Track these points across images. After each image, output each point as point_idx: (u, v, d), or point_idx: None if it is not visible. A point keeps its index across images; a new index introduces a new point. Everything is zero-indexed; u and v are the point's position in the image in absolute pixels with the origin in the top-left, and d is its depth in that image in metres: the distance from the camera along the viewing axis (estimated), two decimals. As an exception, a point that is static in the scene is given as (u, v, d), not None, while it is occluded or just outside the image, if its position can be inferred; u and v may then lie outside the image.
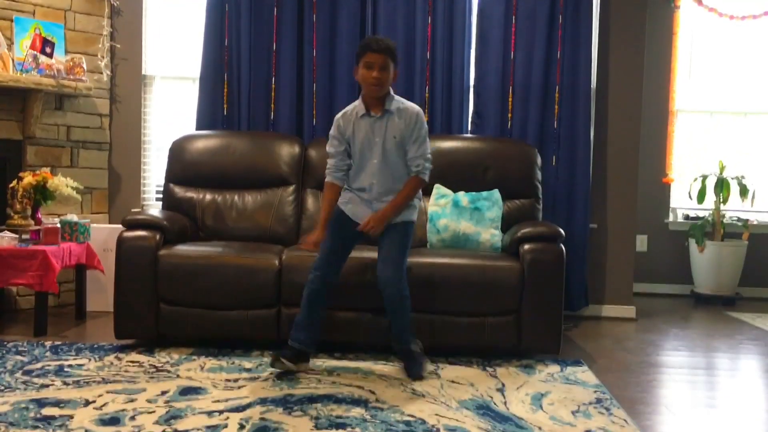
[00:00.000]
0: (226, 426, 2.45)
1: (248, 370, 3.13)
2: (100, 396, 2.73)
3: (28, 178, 3.90)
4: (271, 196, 4.12)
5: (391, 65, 3.09)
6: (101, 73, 4.55)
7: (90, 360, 3.23)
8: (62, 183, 3.98)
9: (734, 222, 5.48)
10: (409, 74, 4.46)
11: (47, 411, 2.55)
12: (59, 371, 3.04)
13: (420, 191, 3.30)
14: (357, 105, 3.21)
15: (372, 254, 3.31)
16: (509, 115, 4.53)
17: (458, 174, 4.05)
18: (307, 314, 3.12)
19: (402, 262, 3.13)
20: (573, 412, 2.72)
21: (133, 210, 4.56)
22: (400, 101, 3.19)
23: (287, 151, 4.18)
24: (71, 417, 2.49)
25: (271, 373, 3.07)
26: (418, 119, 3.16)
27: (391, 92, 3.18)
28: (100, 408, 2.60)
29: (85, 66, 4.32)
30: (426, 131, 3.20)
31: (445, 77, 4.50)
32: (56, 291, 3.70)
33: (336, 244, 3.18)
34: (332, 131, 3.27)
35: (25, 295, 4.24)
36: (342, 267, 3.21)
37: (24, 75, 4.04)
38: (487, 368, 3.29)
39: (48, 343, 3.50)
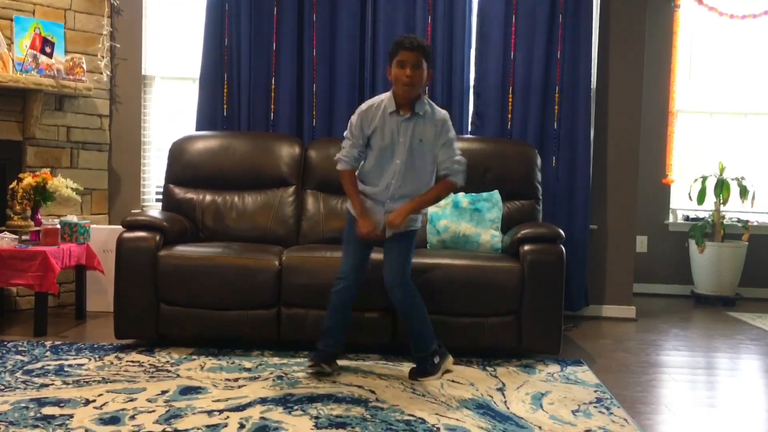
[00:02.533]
0: (226, 425, 2.45)
1: (248, 370, 3.12)
2: (100, 395, 2.73)
3: (27, 179, 3.90)
4: (271, 196, 4.12)
5: (424, 64, 2.95)
6: (101, 73, 4.55)
7: (90, 360, 3.23)
8: (62, 184, 3.98)
9: (734, 223, 5.48)
10: (409, 74, 4.45)
11: (47, 410, 2.55)
12: (59, 371, 3.04)
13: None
14: (386, 100, 3.04)
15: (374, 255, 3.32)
16: (509, 115, 4.53)
17: (458, 174, 4.04)
18: (336, 321, 3.10)
19: (406, 266, 3.09)
20: (573, 412, 2.72)
21: (132, 211, 4.55)
22: (429, 104, 3.06)
23: (287, 151, 4.18)
24: (71, 416, 2.49)
25: (271, 373, 3.08)
26: (445, 124, 3.04)
27: (422, 95, 3.05)
28: (100, 407, 2.59)
29: (85, 66, 4.32)
30: (453, 136, 3.08)
31: (445, 77, 4.50)
32: (56, 292, 3.70)
33: (358, 249, 3.11)
34: (354, 120, 3.08)
35: (25, 295, 4.24)
36: (367, 268, 3.14)
37: (24, 75, 4.04)
38: (488, 368, 3.29)
39: (48, 343, 3.49)
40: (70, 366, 3.12)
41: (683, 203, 5.72)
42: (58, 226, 3.91)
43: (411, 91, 2.97)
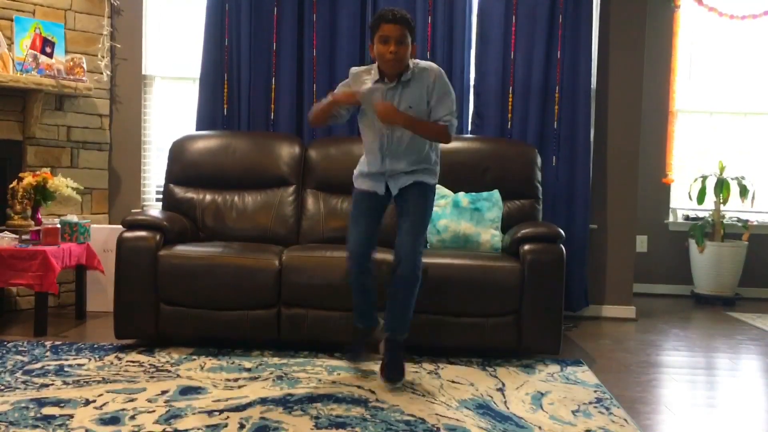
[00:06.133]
0: (226, 425, 2.45)
1: (248, 370, 3.13)
2: (100, 395, 2.73)
3: (28, 179, 3.90)
4: (271, 196, 4.12)
5: (408, 38, 2.81)
6: (101, 73, 4.55)
7: (90, 360, 3.23)
8: (62, 183, 3.98)
9: (734, 222, 5.48)
10: (409, 74, 4.45)
11: (47, 410, 2.55)
12: (59, 371, 3.04)
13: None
14: (374, 70, 2.95)
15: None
16: (509, 115, 4.53)
17: (458, 174, 4.04)
18: (364, 299, 3.07)
19: (421, 236, 2.97)
20: (573, 412, 2.72)
21: (133, 210, 4.55)
22: (416, 65, 2.88)
23: (287, 151, 4.18)
24: (71, 416, 2.49)
25: (271, 373, 3.08)
26: (437, 78, 2.89)
27: (410, 63, 2.88)
28: (100, 407, 2.59)
29: (85, 66, 4.32)
30: (449, 89, 2.94)
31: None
32: (56, 291, 3.70)
33: (366, 224, 3.04)
34: (345, 82, 3.07)
35: (25, 295, 4.24)
36: (376, 243, 3.06)
37: (24, 75, 4.04)
38: (487, 368, 3.29)
39: (48, 343, 3.49)
40: (70, 366, 3.12)
41: (683, 203, 5.72)
42: (59, 226, 3.91)
43: (397, 66, 2.83)
